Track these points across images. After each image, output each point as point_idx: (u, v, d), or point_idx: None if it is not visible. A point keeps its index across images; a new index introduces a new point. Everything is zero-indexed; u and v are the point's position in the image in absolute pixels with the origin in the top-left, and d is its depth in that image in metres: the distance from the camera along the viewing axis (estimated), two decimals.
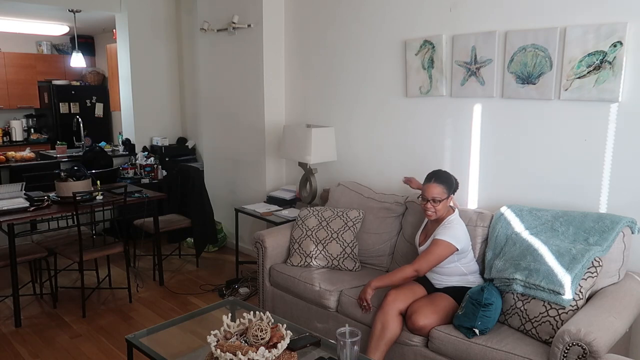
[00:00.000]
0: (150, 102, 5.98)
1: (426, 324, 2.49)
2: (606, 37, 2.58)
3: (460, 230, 2.69)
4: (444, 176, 2.73)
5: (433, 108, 3.44)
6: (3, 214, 3.41)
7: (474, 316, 2.37)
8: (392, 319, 2.57)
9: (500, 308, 2.45)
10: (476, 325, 2.36)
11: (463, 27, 3.20)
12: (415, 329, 2.51)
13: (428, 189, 2.69)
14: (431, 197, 2.67)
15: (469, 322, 2.38)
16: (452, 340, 2.39)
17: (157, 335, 2.58)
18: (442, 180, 2.70)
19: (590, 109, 2.72)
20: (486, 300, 2.38)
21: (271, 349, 1.99)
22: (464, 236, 2.69)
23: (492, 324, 2.40)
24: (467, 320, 2.39)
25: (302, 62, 4.39)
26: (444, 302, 2.59)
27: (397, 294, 2.64)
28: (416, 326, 2.50)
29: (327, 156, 3.93)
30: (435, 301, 2.60)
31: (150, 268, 4.47)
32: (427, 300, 2.63)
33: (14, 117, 7.71)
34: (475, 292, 2.45)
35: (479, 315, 2.36)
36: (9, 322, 3.55)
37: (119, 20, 5.92)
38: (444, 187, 2.69)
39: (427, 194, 2.69)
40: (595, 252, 2.39)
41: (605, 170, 2.72)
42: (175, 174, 4.83)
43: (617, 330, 2.12)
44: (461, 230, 2.70)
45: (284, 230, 3.48)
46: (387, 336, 2.55)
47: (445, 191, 2.68)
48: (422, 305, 2.57)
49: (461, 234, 2.68)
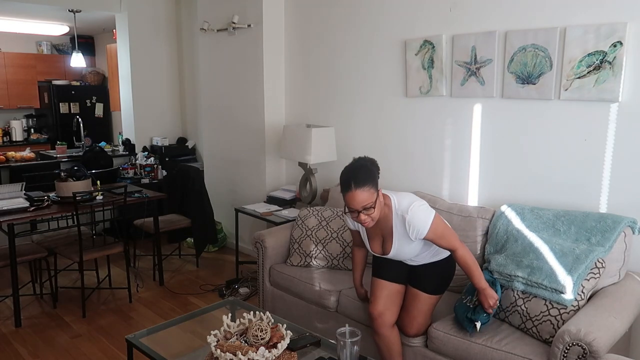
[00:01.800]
0: (150, 102, 5.98)
1: (419, 331, 2.52)
2: (606, 37, 2.58)
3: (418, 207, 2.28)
4: (363, 173, 2.18)
5: (433, 108, 3.44)
6: (3, 214, 3.41)
7: (482, 310, 2.35)
8: (390, 336, 2.52)
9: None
10: (481, 319, 2.34)
11: (463, 27, 3.20)
12: (410, 337, 2.54)
13: (352, 199, 2.15)
14: (361, 207, 2.15)
15: (477, 315, 2.35)
16: (452, 340, 2.39)
17: (157, 335, 2.58)
18: (363, 179, 2.15)
19: (590, 109, 2.72)
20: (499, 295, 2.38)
21: (271, 349, 1.99)
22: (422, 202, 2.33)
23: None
24: (476, 313, 2.36)
25: (302, 62, 4.39)
26: (425, 305, 2.49)
27: (380, 309, 2.49)
28: (410, 335, 2.53)
29: (327, 156, 3.93)
30: (417, 306, 2.49)
31: (150, 268, 4.47)
32: (409, 307, 2.51)
33: (14, 117, 7.71)
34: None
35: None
36: (9, 322, 3.55)
37: (119, 20, 5.92)
38: (370, 186, 2.16)
39: (354, 204, 2.15)
40: (598, 253, 2.38)
41: (606, 170, 2.72)
42: (175, 174, 4.83)
43: (617, 330, 2.12)
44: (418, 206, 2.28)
45: (284, 230, 3.48)
46: (395, 350, 2.53)
47: (373, 189, 2.17)
48: (406, 315, 2.52)
49: (421, 207, 2.29)
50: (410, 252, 2.39)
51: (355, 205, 2.15)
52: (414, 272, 2.53)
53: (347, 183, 2.17)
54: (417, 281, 2.51)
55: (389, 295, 2.52)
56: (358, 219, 2.20)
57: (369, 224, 2.22)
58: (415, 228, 2.25)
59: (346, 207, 2.22)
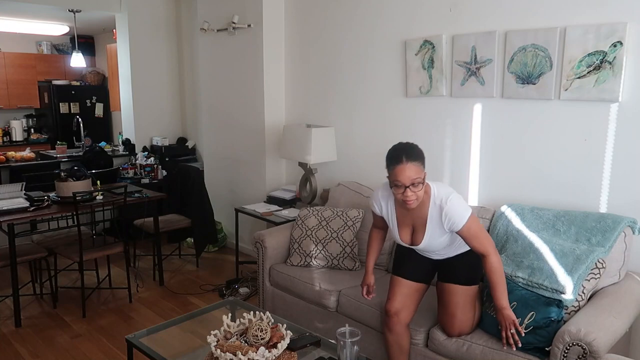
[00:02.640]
0: (150, 102, 5.98)
1: (461, 330, 2.36)
2: (606, 37, 2.58)
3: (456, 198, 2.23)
4: (415, 150, 2.18)
5: (433, 108, 3.44)
6: (3, 214, 3.41)
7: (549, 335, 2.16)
8: (403, 335, 2.47)
9: None
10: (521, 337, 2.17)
11: (463, 27, 3.20)
12: (453, 337, 2.39)
13: (401, 172, 2.11)
14: (410, 182, 2.11)
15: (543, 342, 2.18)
16: (453, 341, 2.39)
17: (157, 335, 2.58)
18: (415, 155, 2.15)
19: (590, 109, 2.72)
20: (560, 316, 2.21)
21: (271, 349, 1.99)
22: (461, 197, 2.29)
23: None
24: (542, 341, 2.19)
25: (302, 62, 4.39)
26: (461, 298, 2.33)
27: (397, 307, 2.45)
28: (453, 335, 2.38)
29: (327, 156, 3.93)
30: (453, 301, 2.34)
31: (150, 268, 4.47)
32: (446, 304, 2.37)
33: (14, 117, 7.71)
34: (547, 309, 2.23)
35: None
36: (9, 322, 3.55)
37: (119, 20, 5.92)
38: (420, 163, 2.15)
39: (403, 178, 2.11)
40: (599, 253, 2.38)
41: (606, 170, 2.72)
42: (175, 174, 4.83)
43: (617, 330, 2.12)
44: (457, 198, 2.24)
45: (284, 230, 3.48)
46: (405, 350, 2.50)
47: (422, 168, 2.16)
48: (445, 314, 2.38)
49: (461, 200, 2.25)
50: (439, 245, 2.31)
51: (404, 179, 2.10)
52: (441, 267, 2.44)
53: (398, 156, 2.14)
54: (447, 275, 2.40)
55: (407, 294, 2.46)
56: (404, 196, 2.13)
57: (412, 204, 2.16)
58: (452, 219, 2.18)
59: (392, 183, 2.17)
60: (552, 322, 2.20)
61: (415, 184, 2.12)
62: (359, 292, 2.88)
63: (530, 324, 2.23)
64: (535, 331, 2.21)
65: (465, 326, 2.38)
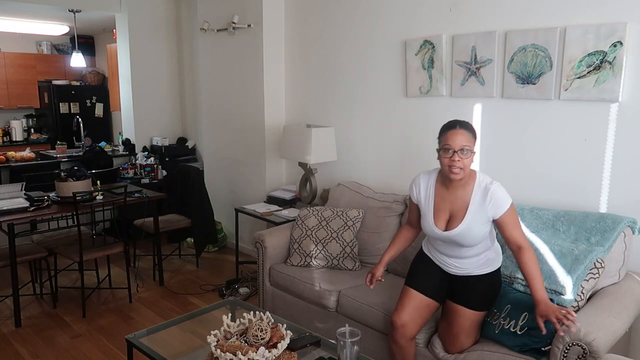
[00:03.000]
0: (150, 102, 5.98)
1: (461, 349, 2.34)
2: (606, 37, 2.58)
3: (501, 186, 2.21)
4: (470, 124, 2.21)
5: (433, 108, 3.44)
6: (3, 214, 3.41)
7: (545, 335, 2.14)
8: (408, 347, 2.43)
9: None
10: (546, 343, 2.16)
11: (463, 27, 3.20)
12: (452, 354, 2.37)
13: (453, 136, 2.13)
14: (460, 147, 2.11)
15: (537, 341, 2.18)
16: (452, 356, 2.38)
17: (157, 335, 2.58)
18: (469, 127, 2.18)
19: (590, 109, 2.72)
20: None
21: (271, 349, 1.99)
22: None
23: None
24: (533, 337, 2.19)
25: (302, 62, 4.39)
26: (467, 322, 2.32)
27: (404, 320, 2.39)
28: (452, 353, 2.37)
29: (327, 156, 3.93)
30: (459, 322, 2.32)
31: (150, 268, 4.47)
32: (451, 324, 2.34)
33: (14, 117, 7.71)
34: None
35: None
36: (9, 322, 3.55)
37: (119, 20, 5.92)
38: (472, 135, 2.17)
39: (453, 142, 2.12)
40: (597, 253, 2.38)
41: (606, 170, 2.72)
42: (175, 174, 4.83)
43: (617, 330, 2.12)
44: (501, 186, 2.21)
45: (284, 230, 3.48)
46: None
47: (473, 142, 2.17)
48: (448, 332, 2.36)
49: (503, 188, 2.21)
50: (475, 236, 2.21)
51: (455, 143, 2.12)
52: (455, 286, 2.37)
53: (452, 124, 2.19)
54: (459, 296, 2.34)
55: (416, 307, 2.40)
56: (451, 161, 2.13)
57: (458, 173, 2.14)
58: (497, 202, 2.15)
59: (441, 149, 2.18)
60: (546, 322, 2.19)
61: (465, 150, 2.12)
62: (359, 292, 2.89)
63: (524, 326, 2.23)
64: (530, 332, 2.21)
65: (466, 346, 2.35)
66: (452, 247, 2.31)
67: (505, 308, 2.33)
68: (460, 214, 2.23)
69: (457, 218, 2.24)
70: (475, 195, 2.21)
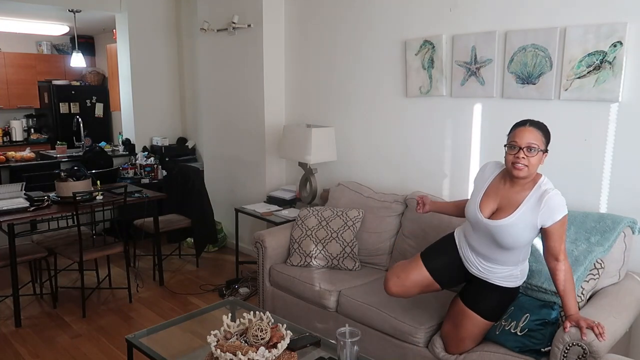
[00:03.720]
0: (150, 102, 5.98)
1: (463, 352, 2.34)
2: (606, 37, 2.58)
3: (561, 195, 2.13)
4: (542, 124, 2.15)
5: (433, 108, 3.44)
6: (3, 214, 3.41)
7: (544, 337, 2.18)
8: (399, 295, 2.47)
9: None
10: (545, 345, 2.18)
11: (463, 27, 3.20)
12: (452, 355, 2.38)
13: (521, 133, 2.10)
14: (526, 144, 2.07)
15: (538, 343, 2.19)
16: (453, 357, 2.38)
17: (157, 335, 2.58)
18: (541, 126, 2.14)
19: (590, 109, 2.72)
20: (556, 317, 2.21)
21: (271, 349, 1.99)
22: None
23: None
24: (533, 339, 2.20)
25: (302, 62, 4.39)
26: (476, 329, 2.30)
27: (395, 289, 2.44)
28: (452, 354, 2.37)
29: (327, 156, 3.93)
30: (467, 327, 2.30)
31: (150, 268, 4.47)
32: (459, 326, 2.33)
33: (14, 117, 7.71)
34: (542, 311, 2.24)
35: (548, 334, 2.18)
36: (9, 322, 3.55)
37: (119, 20, 5.92)
38: (543, 136, 2.11)
39: (520, 139, 2.09)
40: (597, 254, 2.38)
41: (606, 170, 2.72)
42: (175, 174, 4.83)
43: (617, 330, 2.12)
44: (561, 195, 2.13)
45: (284, 230, 3.48)
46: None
47: (544, 141, 2.11)
48: (454, 334, 2.34)
49: (563, 199, 2.13)
50: (517, 236, 2.14)
51: (522, 140, 2.08)
52: (470, 287, 2.37)
53: (523, 121, 2.16)
54: (474, 300, 2.31)
55: (418, 282, 2.39)
56: (516, 157, 2.09)
57: (521, 170, 2.08)
58: (551, 209, 2.08)
59: (508, 145, 2.14)
60: (546, 323, 2.20)
61: (531, 149, 2.07)
62: (359, 292, 2.90)
63: (524, 327, 2.23)
64: (530, 333, 2.21)
65: (468, 349, 2.35)
66: (486, 243, 2.24)
67: (508, 310, 2.33)
68: (508, 209, 2.16)
69: (504, 211, 2.17)
70: (532, 196, 2.14)
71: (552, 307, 2.24)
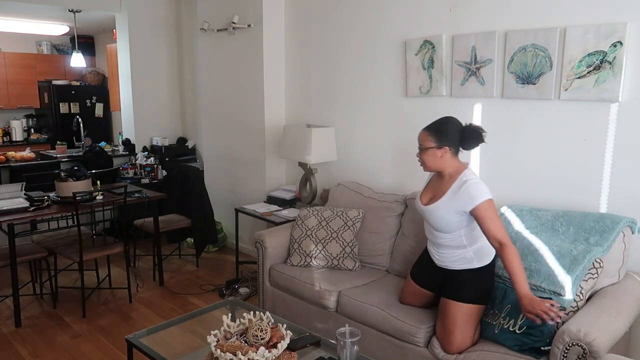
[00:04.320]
0: (150, 102, 5.98)
1: (459, 348, 2.35)
2: (606, 37, 2.58)
3: (480, 182, 2.36)
4: (438, 125, 2.43)
5: (433, 108, 3.44)
6: (3, 214, 3.41)
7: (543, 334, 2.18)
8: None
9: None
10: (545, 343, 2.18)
11: (463, 27, 3.20)
12: (451, 354, 2.37)
13: (419, 135, 2.48)
14: (418, 146, 2.46)
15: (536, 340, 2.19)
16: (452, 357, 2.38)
17: (157, 335, 2.58)
18: (432, 128, 2.43)
19: (590, 109, 2.72)
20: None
21: (271, 349, 1.99)
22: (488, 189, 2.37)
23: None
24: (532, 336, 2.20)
25: (302, 62, 4.39)
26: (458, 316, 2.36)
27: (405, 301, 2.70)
28: (451, 353, 2.37)
29: (327, 156, 3.93)
30: (450, 317, 2.37)
31: (150, 268, 4.47)
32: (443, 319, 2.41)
33: (14, 117, 7.71)
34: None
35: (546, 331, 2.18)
36: (9, 322, 3.55)
37: (119, 20, 5.92)
38: (433, 136, 2.39)
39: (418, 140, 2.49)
40: (596, 253, 2.38)
41: (605, 170, 2.72)
42: (175, 174, 4.83)
43: (617, 330, 2.12)
44: (481, 182, 2.37)
45: (284, 230, 3.48)
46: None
47: (432, 140, 2.39)
48: (442, 330, 2.40)
49: (483, 185, 2.36)
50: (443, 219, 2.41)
51: (418, 141, 2.47)
52: (446, 282, 2.50)
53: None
54: (449, 291, 2.44)
55: (413, 292, 2.70)
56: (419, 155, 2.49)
57: (422, 164, 2.49)
58: (469, 195, 2.31)
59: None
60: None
61: (421, 149, 2.45)
62: (359, 292, 2.90)
63: (523, 324, 2.23)
64: (529, 331, 2.21)
65: (464, 344, 2.36)
66: (430, 230, 2.57)
67: (505, 308, 2.34)
68: (438, 197, 2.47)
69: (434, 199, 2.49)
70: (454, 185, 2.41)
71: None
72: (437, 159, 2.42)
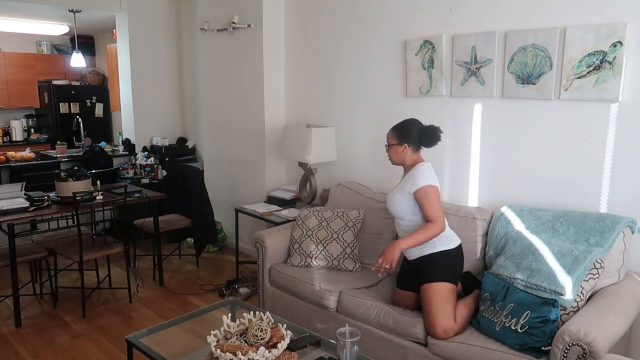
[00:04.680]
0: (150, 102, 5.98)
1: (444, 329, 2.41)
2: (606, 37, 2.58)
3: (428, 172, 2.61)
4: (401, 126, 2.72)
5: (433, 108, 3.44)
6: (3, 214, 3.41)
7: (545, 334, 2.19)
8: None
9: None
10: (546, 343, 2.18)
11: (463, 27, 3.20)
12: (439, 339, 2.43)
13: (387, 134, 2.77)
14: (386, 144, 2.76)
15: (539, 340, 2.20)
16: (450, 345, 2.39)
17: (157, 335, 2.58)
18: (395, 127, 2.73)
19: (590, 109, 2.72)
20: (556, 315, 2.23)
21: (271, 349, 1.99)
22: (435, 177, 2.63)
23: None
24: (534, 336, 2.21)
25: (302, 62, 4.39)
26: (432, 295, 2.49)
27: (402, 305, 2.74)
28: (438, 337, 2.43)
29: (327, 156, 3.93)
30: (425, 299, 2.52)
31: (150, 268, 4.47)
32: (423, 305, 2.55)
33: (14, 117, 7.71)
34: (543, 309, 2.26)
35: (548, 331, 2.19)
36: (9, 322, 3.55)
37: (119, 20, 5.92)
38: (396, 135, 2.70)
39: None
40: (597, 254, 2.38)
41: (605, 170, 2.72)
42: (175, 174, 4.83)
43: (617, 330, 2.12)
44: (429, 172, 2.61)
45: (284, 230, 3.48)
46: None
47: (395, 138, 2.70)
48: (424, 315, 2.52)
49: (430, 175, 2.60)
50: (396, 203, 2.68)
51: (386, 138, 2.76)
52: (419, 273, 2.64)
53: None
54: (422, 278, 2.60)
55: (402, 297, 2.77)
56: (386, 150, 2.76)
57: (389, 159, 2.77)
58: (413, 180, 2.59)
59: None
60: (547, 321, 2.20)
61: (386, 145, 2.75)
62: (359, 292, 2.90)
63: (525, 324, 2.24)
64: (531, 331, 2.21)
65: (448, 324, 2.42)
66: (395, 221, 2.78)
67: (508, 306, 2.34)
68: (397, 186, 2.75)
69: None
70: (408, 174, 2.68)
71: (553, 305, 2.25)
72: (399, 154, 2.70)
